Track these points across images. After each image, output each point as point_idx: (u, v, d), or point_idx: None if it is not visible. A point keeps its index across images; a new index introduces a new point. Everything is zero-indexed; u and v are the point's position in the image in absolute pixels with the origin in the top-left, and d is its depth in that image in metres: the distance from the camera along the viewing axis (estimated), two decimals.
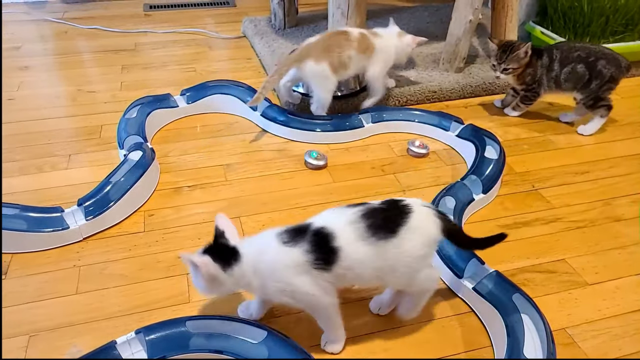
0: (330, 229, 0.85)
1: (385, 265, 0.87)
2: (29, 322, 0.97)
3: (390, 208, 0.89)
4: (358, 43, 1.51)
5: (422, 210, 0.89)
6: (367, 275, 0.88)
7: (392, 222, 0.87)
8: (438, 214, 0.91)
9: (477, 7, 1.73)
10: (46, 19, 2.42)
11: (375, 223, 0.86)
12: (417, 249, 0.88)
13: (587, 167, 1.46)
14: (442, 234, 0.90)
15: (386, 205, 0.89)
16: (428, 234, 0.89)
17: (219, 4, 2.70)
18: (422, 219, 0.88)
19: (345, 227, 0.86)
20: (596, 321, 1.01)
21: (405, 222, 0.86)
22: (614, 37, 1.88)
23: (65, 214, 1.16)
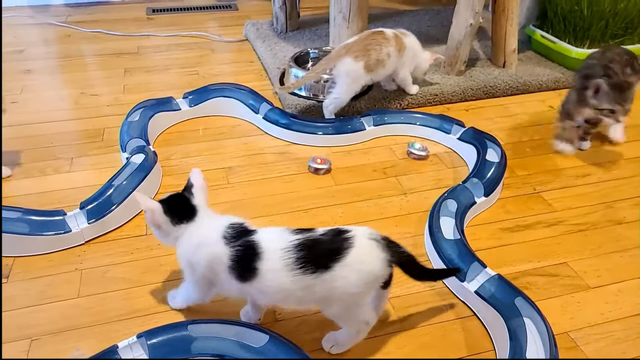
0: (262, 249, 0.84)
1: (314, 298, 0.85)
2: (30, 326, 0.97)
3: (331, 241, 0.84)
4: (395, 41, 1.57)
5: (365, 245, 0.84)
6: (289, 302, 0.87)
7: (327, 257, 0.82)
8: (385, 246, 0.85)
9: (478, 11, 1.73)
10: (49, 23, 2.43)
11: (306, 256, 0.82)
12: (351, 285, 0.83)
13: (589, 170, 1.46)
14: (388, 268, 0.85)
15: (328, 237, 0.84)
16: (367, 271, 0.83)
17: (222, 7, 2.71)
18: (363, 255, 0.83)
19: (276, 252, 0.83)
20: (599, 325, 1.01)
21: (342, 258, 0.81)
22: (613, 40, 1.88)
23: (67, 217, 1.16)
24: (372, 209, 1.30)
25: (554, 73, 1.90)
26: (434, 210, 1.19)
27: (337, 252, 0.82)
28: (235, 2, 2.78)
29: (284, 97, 1.72)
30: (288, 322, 0.99)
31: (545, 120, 1.70)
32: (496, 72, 1.89)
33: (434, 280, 1.06)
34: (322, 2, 2.66)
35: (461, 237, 1.12)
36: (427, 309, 1.03)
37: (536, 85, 1.86)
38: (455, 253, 1.08)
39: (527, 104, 1.80)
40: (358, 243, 0.83)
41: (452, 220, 1.16)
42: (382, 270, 0.85)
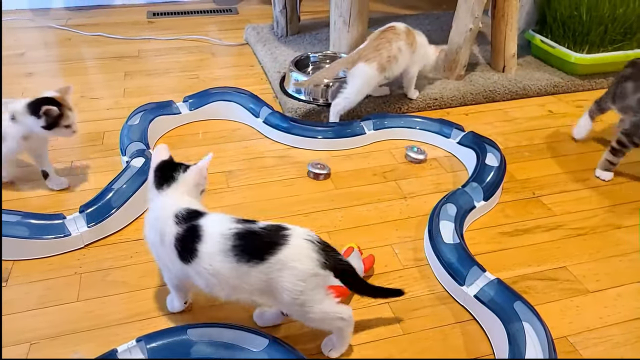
0: (204, 232, 0.86)
1: (250, 290, 0.86)
2: (30, 330, 0.97)
3: (268, 235, 0.85)
4: (406, 35, 1.58)
5: (299, 244, 0.84)
6: (225, 289, 0.87)
7: (261, 249, 0.84)
8: (320, 249, 0.85)
9: (478, 16, 1.74)
10: (50, 26, 2.44)
11: (242, 245, 0.84)
12: (285, 281, 0.83)
13: (588, 175, 1.46)
14: (322, 270, 0.85)
15: (266, 231, 0.86)
16: (300, 269, 0.83)
17: (222, 11, 2.72)
18: (295, 253, 0.84)
19: (216, 236, 0.85)
20: (598, 329, 1.01)
21: (275, 253, 0.83)
22: (612, 45, 1.89)
23: (67, 220, 1.16)
24: (372, 213, 1.30)
25: (553, 78, 1.91)
26: (434, 214, 1.19)
27: (271, 246, 0.84)
28: (235, 6, 2.79)
29: (284, 101, 1.73)
30: (288, 327, 0.99)
31: (544, 125, 1.70)
32: (496, 77, 1.89)
33: (373, 297, 0.99)
34: (323, 6, 2.67)
35: (460, 241, 1.12)
36: (426, 313, 1.03)
37: (535, 90, 1.87)
38: (455, 257, 1.08)
39: (527, 108, 1.80)
40: (293, 241, 0.84)
41: (452, 224, 1.17)
42: (314, 270, 0.84)
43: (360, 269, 1.07)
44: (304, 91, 1.72)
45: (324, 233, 1.23)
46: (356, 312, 1.02)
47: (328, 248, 0.87)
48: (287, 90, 1.77)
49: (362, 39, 1.88)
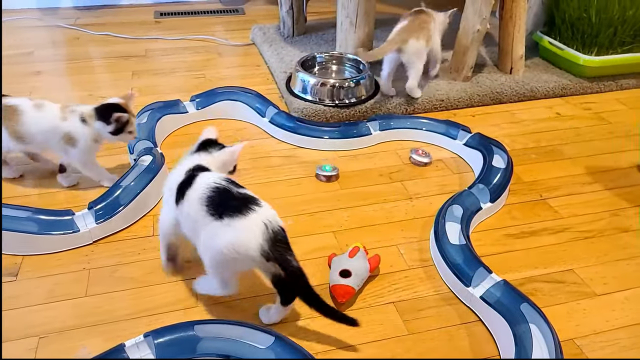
0: (196, 181, 0.95)
1: (204, 240, 0.92)
2: (39, 324, 0.98)
3: (237, 200, 0.91)
4: (431, 17, 1.73)
5: (255, 222, 0.88)
6: (195, 235, 0.95)
7: (224, 208, 0.89)
8: (271, 238, 0.87)
9: (485, 17, 1.74)
10: (58, 25, 2.45)
11: (213, 198, 0.91)
12: (223, 244, 0.88)
13: (595, 177, 1.46)
14: (259, 256, 0.87)
15: (238, 197, 0.92)
16: (240, 242, 0.87)
17: (229, 11, 2.73)
18: (246, 227, 0.87)
19: (202, 186, 0.94)
20: (605, 332, 1.01)
21: (232, 217, 0.88)
22: (622, 47, 1.88)
23: (76, 217, 1.17)
24: (378, 213, 1.30)
25: (561, 80, 1.90)
26: (440, 215, 1.19)
27: (232, 209, 0.89)
28: (242, 7, 2.80)
29: (290, 101, 1.73)
30: (294, 324, 1.00)
31: (551, 127, 1.70)
32: (503, 79, 1.89)
33: (321, 313, 0.93)
34: (329, 7, 2.67)
35: (467, 243, 1.12)
36: (432, 313, 1.03)
37: (543, 92, 1.86)
38: (461, 258, 1.08)
39: (534, 110, 1.80)
40: (252, 216, 0.88)
41: (458, 225, 1.17)
42: (253, 252, 0.87)
43: (365, 268, 1.07)
44: (310, 91, 1.72)
45: (329, 233, 1.23)
46: (361, 311, 1.03)
47: (281, 243, 0.88)
48: (294, 90, 1.77)
49: (369, 39, 1.89)
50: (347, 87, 1.69)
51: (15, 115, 1.23)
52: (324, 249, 1.18)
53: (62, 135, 1.24)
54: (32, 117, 1.23)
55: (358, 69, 1.84)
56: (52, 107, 1.26)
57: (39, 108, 1.24)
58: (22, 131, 1.23)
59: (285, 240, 0.89)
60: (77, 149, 1.26)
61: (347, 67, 1.89)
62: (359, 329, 0.98)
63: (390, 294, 1.07)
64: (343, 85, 1.69)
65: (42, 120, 1.23)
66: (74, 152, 1.26)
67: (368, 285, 1.09)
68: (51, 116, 1.24)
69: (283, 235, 0.89)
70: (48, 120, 1.24)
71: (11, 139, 1.24)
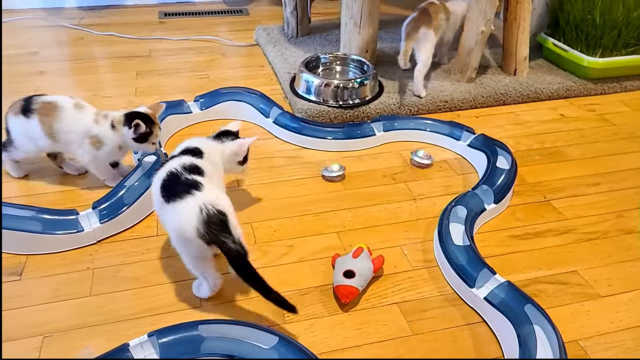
0: (166, 164, 1.03)
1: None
2: (43, 323, 0.99)
3: (181, 185, 0.97)
4: (441, 8, 1.79)
5: (190, 206, 0.93)
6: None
7: (171, 193, 0.96)
8: (204, 222, 0.91)
9: (490, 18, 1.74)
10: (63, 25, 2.46)
11: (167, 183, 0.98)
12: (170, 227, 0.97)
13: (599, 179, 1.46)
14: (196, 237, 0.92)
15: (183, 182, 0.97)
16: (180, 227, 0.94)
17: (233, 12, 2.74)
18: (182, 209, 0.94)
19: (165, 169, 1.01)
20: (609, 334, 1.00)
21: (174, 201, 0.95)
22: (626, 49, 1.88)
23: (80, 216, 1.18)
24: (382, 214, 1.30)
25: (565, 81, 1.90)
26: (444, 216, 1.19)
27: (175, 194, 0.96)
28: (246, 7, 2.80)
29: (294, 102, 1.73)
30: (297, 324, 1.00)
31: (555, 129, 1.70)
32: (507, 80, 1.89)
33: (263, 295, 0.94)
34: (333, 8, 2.68)
35: (471, 244, 1.12)
36: (436, 314, 1.03)
37: (547, 94, 1.86)
38: (465, 259, 1.08)
39: (538, 111, 1.80)
40: (188, 200, 0.94)
41: (462, 226, 1.17)
42: (190, 234, 0.92)
43: (369, 269, 1.07)
44: (313, 92, 1.72)
45: (333, 233, 1.23)
46: (365, 312, 1.03)
47: (216, 225, 0.91)
48: (297, 91, 1.78)
49: (373, 40, 1.89)
50: (351, 88, 1.69)
51: (55, 112, 1.24)
52: (327, 250, 1.18)
53: (90, 136, 1.26)
54: (72, 115, 1.25)
55: (362, 70, 1.84)
56: (90, 109, 1.28)
57: (79, 108, 1.27)
58: (58, 128, 1.24)
59: (220, 222, 0.92)
60: (101, 152, 1.27)
61: (351, 68, 1.89)
62: (362, 329, 0.99)
63: (394, 294, 1.07)
64: (347, 86, 1.69)
65: (80, 121, 1.25)
66: (95, 154, 1.27)
67: (372, 285, 1.09)
68: (88, 118, 1.26)
69: (219, 217, 0.92)
70: (85, 122, 1.26)
71: (45, 136, 1.25)
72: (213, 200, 0.94)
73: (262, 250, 1.17)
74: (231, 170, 1.19)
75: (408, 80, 1.82)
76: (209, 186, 0.98)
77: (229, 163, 1.16)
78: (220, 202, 0.95)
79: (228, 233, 0.92)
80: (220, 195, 0.98)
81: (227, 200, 0.98)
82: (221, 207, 0.94)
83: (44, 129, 1.24)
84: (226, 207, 0.95)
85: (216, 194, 0.97)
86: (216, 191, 0.99)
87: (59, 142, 1.27)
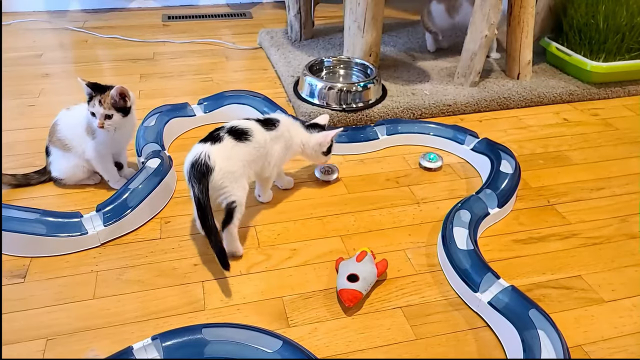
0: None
1: None
2: (47, 326, 0.99)
3: (212, 135, 1.15)
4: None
5: (196, 148, 1.12)
6: None
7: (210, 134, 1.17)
8: (194, 163, 1.08)
9: (493, 23, 1.74)
10: (67, 28, 2.47)
11: (194, 167, 1.10)
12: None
13: (603, 184, 1.45)
14: (187, 174, 1.10)
15: (215, 135, 1.15)
16: (186, 159, 1.13)
17: (236, 15, 2.74)
18: (194, 148, 1.13)
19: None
20: (613, 339, 1.00)
21: (203, 140, 1.16)
22: (629, 54, 1.88)
23: (84, 219, 1.18)
24: (385, 218, 1.30)
25: (568, 86, 1.90)
26: (447, 220, 1.19)
27: (204, 139, 1.15)
28: (249, 11, 2.81)
29: (298, 105, 1.74)
30: (301, 328, 1.00)
31: (559, 133, 1.70)
32: (510, 84, 1.89)
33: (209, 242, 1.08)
34: (337, 11, 2.68)
35: (474, 248, 1.11)
36: (440, 319, 1.03)
37: (550, 98, 1.86)
38: (469, 263, 1.08)
39: (541, 116, 1.80)
40: (200, 145, 1.13)
41: (466, 230, 1.16)
42: (185, 169, 1.13)
43: (373, 273, 1.07)
44: (317, 95, 1.72)
45: (336, 237, 1.23)
46: (369, 316, 1.03)
47: (197, 171, 1.07)
48: (301, 94, 1.78)
49: (377, 43, 1.89)
50: (354, 92, 1.70)
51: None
52: (331, 253, 1.18)
53: (85, 127, 1.28)
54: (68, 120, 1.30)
55: (365, 74, 1.84)
56: (81, 106, 1.31)
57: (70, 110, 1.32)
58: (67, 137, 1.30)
59: (201, 170, 1.07)
60: (96, 141, 1.28)
61: (354, 71, 1.90)
62: (366, 333, 0.99)
63: (398, 298, 1.07)
64: (350, 90, 1.69)
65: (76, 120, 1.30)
66: (92, 145, 1.28)
67: (375, 289, 1.09)
68: (79, 114, 1.29)
69: (202, 167, 1.07)
70: (79, 120, 1.29)
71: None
72: (211, 154, 1.09)
73: (266, 254, 1.17)
74: (316, 159, 1.34)
75: (410, 83, 1.83)
76: (229, 147, 1.12)
77: (314, 152, 1.30)
78: (218, 161, 1.08)
79: (198, 182, 1.06)
80: (229, 162, 1.11)
81: (234, 167, 1.11)
82: (211, 163, 1.08)
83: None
84: (220, 167, 1.08)
85: (226, 155, 1.11)
86: (228, 154, 1.11)
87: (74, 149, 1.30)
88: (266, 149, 1.19)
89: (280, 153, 1.24)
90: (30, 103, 1.80)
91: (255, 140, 1.16)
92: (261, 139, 1.18)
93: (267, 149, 1.20)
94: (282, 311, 1.03)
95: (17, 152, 1.51)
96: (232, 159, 1.12)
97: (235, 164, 1.12)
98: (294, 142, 1.28)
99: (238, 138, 1.14)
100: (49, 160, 1.34)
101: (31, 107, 1.77)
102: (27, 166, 1.42)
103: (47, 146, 1.33)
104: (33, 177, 1.35)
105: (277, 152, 1.23)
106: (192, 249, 1.18)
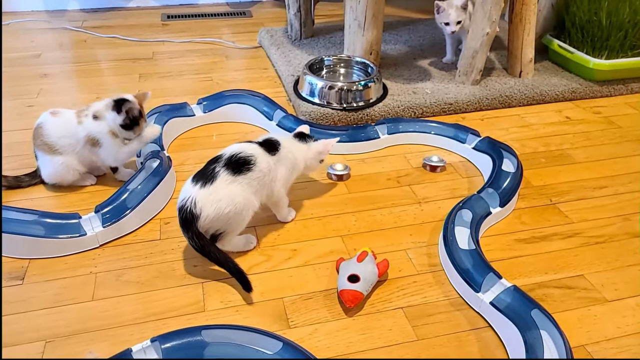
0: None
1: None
2: (45, 328, 0.98)
3: (236, 162, 1.10)
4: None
5: (189, 191, 1.06)
6: None
7: (204, 169, 1.11)
8: (181, 208, 1.04)
9: (495, 20, 1.73)
10: (66, 28, 2.47)
11: (230, 163, 1.10)
12: None
13: (606, 182, 1.44)
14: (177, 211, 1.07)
15: (216, 167, 1.08)
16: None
17: (236, 14, 2.73)
18: (184, 186, 1.09)
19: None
20: (616, 338, 0.99)
21: (196, 176, 1.09)
22: (632, 51, 1.86)
23: (82, 220, 1.17)
24: (386, 218, 1.29)
25: (571, 83, 1.89)
26: (449, 220, 1.18)
27: (197, 175, 1.09)
28: (249, 9, 2.80)
29: (298, 104, 1.73)
30: (302, 329, 0.99)
31: (561, 131, 1.69)
32: (512, 82, 1.88)
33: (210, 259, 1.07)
34: (337, 10, 2.67)
35: (476, 248, 1.10)
36: (442, 319, 1.02)
37: (553, 96, 1.85)
38: (470, 263, 1.07)
39: (544, 114, 1.79)
40: (190, 185, 1.08)
41: (467, 230, 1.15)
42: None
43: (374, 273, 1.06)
44: (318, 94, 1.71)
45: (337, 237, 1.22)
46: (370, 317, 1.02)
47: (182, 218, 1.04)
48: (301, 94, 1.77)
49: (377, 42, 1.88)
50: (355, 91, 1.69)
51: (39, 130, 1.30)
52: (332, 254, 1.17)
53: (84, 140, 1.27)
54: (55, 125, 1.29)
55: (366, 72, 1.83)
56: (69, 113, 1.30)
57: (57, 115, 1.30)
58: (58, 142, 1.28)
59: (186, 218, 1.04)
60: (103, 148, 1.28)
61: (355, 70, 1.89)
62: (367, 334, 0.98)
63: (399, 299, 1.06)
64: (351, 89, 1.69)
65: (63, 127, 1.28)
66: (103, 152, 1.29)
67: (376, 290, 1.08)
68: (69, 117, 1.28)
69: (188, 215, 1.04)
70: (68, 127, 1.28)
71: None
72: (200, 202, 1.03)
73: (266, 255, 1.17)
74: (313, 168, 1.30)
75: (411, 82, 1.82)
76: (222, 187, 1.06)
77: (313, 161, 1.26)
78: (205, 208, 1.03)
79: (186, 231, 1.04)
80: (219, 204, 1.04)
81: (228, 207, 1.05)
82: (197, 211, 1.03)
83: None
84: (207, 214, 1.03)
85: (216, 197, 1.04)
86: (219, 196, 1.05)
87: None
88: (271, 176, 1.14)
89: (285, 174, 1.19)
90: (29, 103, 1.79)
91: (259, 170, 1.10)
92: (265, 167, 1.12)
93: (272, 175, 1.15)
94: (283, 312, 1.02)
95: (16, 153, 1.50)
96: (225, 198, 1.05)
97: (229, 203, 1.05)
98: (297, 162, 1.22)
99: (237, 171, 1.08)
100: (38, 163, 1.33)
101: (30, 108, 1.76)
102: (25, 167, 1.41)
103: (34, 150, 1.32)
104: (24, 180, 1.34)
105: (282, 174, 1.18)
106: (191, 250, 1.16)
